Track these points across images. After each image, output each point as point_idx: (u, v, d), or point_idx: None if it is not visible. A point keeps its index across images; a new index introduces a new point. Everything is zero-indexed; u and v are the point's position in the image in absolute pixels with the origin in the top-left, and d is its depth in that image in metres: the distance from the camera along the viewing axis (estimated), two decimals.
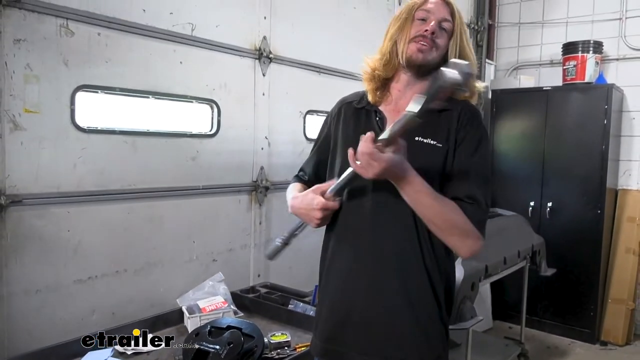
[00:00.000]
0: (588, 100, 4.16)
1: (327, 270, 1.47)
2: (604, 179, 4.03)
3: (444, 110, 1.34)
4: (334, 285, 1.44)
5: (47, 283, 1.95)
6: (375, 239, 1.34)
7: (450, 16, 1.37)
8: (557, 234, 4.12)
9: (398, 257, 1.32)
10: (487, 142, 1.38)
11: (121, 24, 2.10)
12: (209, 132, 2.55)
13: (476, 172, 1.31)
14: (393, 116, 1.38)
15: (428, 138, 1.32)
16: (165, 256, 2.36)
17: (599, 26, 4.46)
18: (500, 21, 5.02)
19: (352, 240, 1.38)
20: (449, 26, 1.36)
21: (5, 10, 1.77)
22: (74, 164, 2.00)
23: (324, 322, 1.45)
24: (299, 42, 2.97)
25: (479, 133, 1.34)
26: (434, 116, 1.33)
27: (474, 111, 1.39)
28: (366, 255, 1.35)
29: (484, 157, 1.34)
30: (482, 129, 1.37)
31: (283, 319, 2.22)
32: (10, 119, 1.81)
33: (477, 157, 1.32)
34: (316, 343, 1.46)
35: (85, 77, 2.02)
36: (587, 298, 4.14)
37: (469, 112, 1.36)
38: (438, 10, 1.36)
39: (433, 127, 1.32)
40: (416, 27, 1.36)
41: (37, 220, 1.92)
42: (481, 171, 1.32)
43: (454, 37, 1.36)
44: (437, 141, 1.32)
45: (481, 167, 1.32)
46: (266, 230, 2.87)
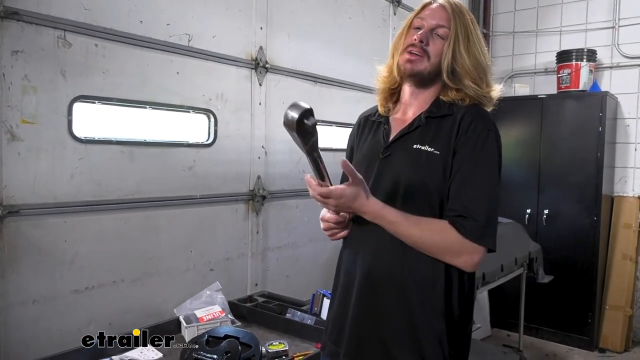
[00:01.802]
0: (583, 108, 4.20)
1: (336, 274, 1.49)
2: (600, 186, 4.06)
3: (447, 116, 1.32)
4: (338, 292, 1.45)
5: (44, 293, 1.95)
6: (376, 250, 1.33)
7: (446, 21, 1.33)
8: (553, 241, 4.14)
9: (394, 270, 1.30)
10: (491, 145, 1.28)
11: (118, 35, 2.12)
12: (206, 141, 2.56)
13: (473, 181, 1.24)
14: (399, 126, 1.39)
15: (426, 145, 1.30)
16: (163, 266, 2.36)
17: (593, 35, 4.51)
18: (494, 30, 5.07)
19: (355, 249, 1.39)
20: (444, 32, 1.32)
21: (3, 22, 1.78)
22: (71, 174, 2.01)
23: (332, 323, 1.46)
24: (295, 52, 2.99)
25: (481, 137, 1.26)
26: (435, 123, 1.33)
27: (477, 114, 1.31)
28: (364, 265, 1.35)
29: (483, 163, 1.26)
30: (486, 133, 1.28)
31: (281, 328, 2.22)
32: (8, 130, 1.82)
33: (474, 163, 1.25)
34: (326, 342, 1.47)
35: (82, 88, 2.03)
36: (585, 305, 4.14)
37: (470, 115, 1.29)
38: (433, 17, 1.34)
39: (432, 134, 1.31)
40: (410, 36, 1.35)
41: (34, 231, 1.92)
42: (479, 179, 1.25)
43: (448, 42, 1.32)
44: (435, 148, 1.28)
45: (479, 175, 1.25)
46: (263, 239, 2.88)
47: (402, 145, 1.35)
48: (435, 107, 1.35)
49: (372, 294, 1.33)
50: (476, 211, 1.22)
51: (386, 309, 1.30)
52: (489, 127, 1.29)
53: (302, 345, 2.05)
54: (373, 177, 1.36)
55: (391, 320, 1.30)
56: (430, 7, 1.37)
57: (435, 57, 1.33)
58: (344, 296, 1.41)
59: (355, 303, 1.36)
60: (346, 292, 1.40)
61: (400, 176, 1.31)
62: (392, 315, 1.30)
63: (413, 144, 1.31)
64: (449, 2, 1.37)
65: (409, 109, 1.41)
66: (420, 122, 1.34)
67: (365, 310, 1.34)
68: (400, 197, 1.30)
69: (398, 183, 1.31)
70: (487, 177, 1.26)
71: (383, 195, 1.31)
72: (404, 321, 1.28)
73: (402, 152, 1.33)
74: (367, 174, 1.34)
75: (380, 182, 1.34)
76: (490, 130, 1.29)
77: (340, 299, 1.43)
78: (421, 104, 1.39)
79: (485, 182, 1.26)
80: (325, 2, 3.21)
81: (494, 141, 1.28)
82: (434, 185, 1.27)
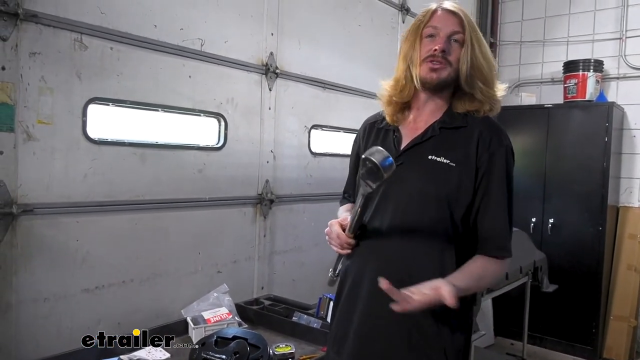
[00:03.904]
0: (589, 118, 4.21)
1: (341, 283, 1.48)
2: (606, 196, 4.06)
3: (461, 127, 1.33)
4: (342, 302, 1.46)
5: (55, 292, 1.97)
6: (386, 260, 1.33)
7: (460, 27, 1.32)
8: (558, 250, 4.14)
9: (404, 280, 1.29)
10: (509, 161, 1.33)
11: (133, 39, 2.16)
12: (216, 145, 2.59)
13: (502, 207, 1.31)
14: (410, 134, 1.38)
15: (441, 157, 1.31)
16: (171, 267, 2.39)
17: (600, 45, 4.53)
18: (502, 39, 5.10)
19: (364, 261, 1.38)
20: (460, 38, 1.31)
21: (22, 25, 1.82)
22: (85, 174, 2.04)
23: (332, 334, 1.48)
24: (304, 58, 3.02)
25: (502, 155, 1.31)
26: (449, 134, 1.33)
27: (497, 130, 1.34)
28: (365, 279, 1.36)
29: (507, 184, 1.32)
30: (504, 149, 1.32)
31: (287, 331, 2.24)
32: (24, 130, 1.85)
33: (500, 187, 1.30)
34: (329, 352, 1.49)
35: (97, 90, 2.06)
36: (589, 315, 4.13)
37: (490, 132, 1.32)
38: (446, 24, 1.32)
39: (447, 146, 1.32)
40: (426, 46, 1.33)
41: (47, 230, 1.95)
42: (504, 202, 1.31)
43: (464, 48, 1.31)
44: (451, 160, 1.30)
45: (505, 198, 1.31)
46: (270, 243, 2.90)
47: (415, 154, 1.34)
48: (449, 117, 1.36)
49: (380, 303, 1.31)
50: (506, 236, 1.32)
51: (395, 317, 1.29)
52: (506, 142, 1.34)
53: (308, 348, 2.06)
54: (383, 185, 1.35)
55: (398, 330, 1.31)
56: (439, 14, 1.35)
57: (456, 64, 1.32)
58: (347, 306, 1.41)
59: (362, 311, 1.36)
60: (350, 302, 1.40)
61: (415, 187, 1.32)
62: (399, 325, 1.30)
63: (428, 155, 1.32)
64: (455, 6, 1.36)
65: (420, 116, 1.40)
66: (435, 132, 1.35)
67: (371, 318, 1.34)
68: (412, 207, 1.31)
69: (411, 194, 1.32)
70: (510, 197, 1.34)
71: (395, 204, 1.32)
72: (410, 330, 1.30)
73: (416, 163, 1.33)
74: None
75: (392, 191, 1.33)
76: (508, 145, 1.34)
77: (345, 307, 1.43)
78: (433, 111, 1.38)
79: (509, 203, 1.33)
80: (334, 9, 3.25)
81: (511, 156, 1.34)
82: (447, 196, 1.29)
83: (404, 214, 1.31)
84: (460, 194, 1.29)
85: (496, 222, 1.31)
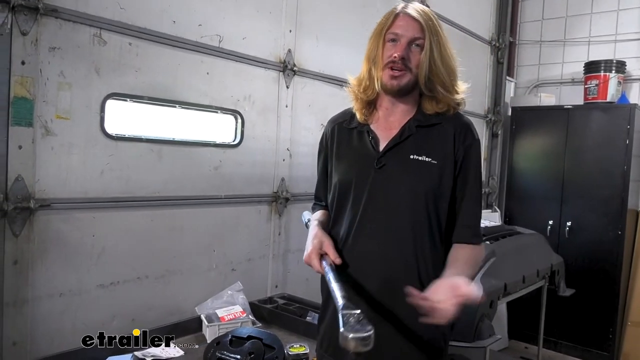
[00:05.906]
0: (610, 120, 4.13)
1: None
2: (625, 199, 3.98)
3: (435, 125, 1.37)
4: None
5: (70, 287, 1.98)
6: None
7: (421, 32, 1.33)
8: (576, 254, 4.07)
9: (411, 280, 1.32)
10: (479, 153, 1.43)
11: (152, 35, 2.15)
12: (233, 142, 2.57)
13: (476, 197, 1.41)
14: (384, 134, 1.40)
15: (423, 155, 1.34)
16: (186, 264, 2.38)
17: (622, 46, 4.44)
18: (521, 39, 5.02)
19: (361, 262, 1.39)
20: (421, 43, 1.33)
21: (42, 19, 1.81)
22: (102, 170, 2.03)
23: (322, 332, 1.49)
24: (322, 55, 3.00)
25: (475, 149, 1.40)
26: (425, 132, 1.37)
27: (469, 125, 1.42)
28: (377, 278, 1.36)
29: (479, 175, 1.42)
30: (477, 142, 1.42)
31: (300, 330, 2.22)
32: (43, 125, 1.85)
33: (475, 179, 1.40)
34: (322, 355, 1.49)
35: (115, 86, 2.06)
36: (606, 320, 4.07)
37: (464, 127, 1.39)
38: (406, 29, 1.34)
39: (428, 144, 1.36)
40: (388, 50, 1.35)
41: (64, 225, 1.95)
42: (477, 193, 1.42)
43: (423, 53, 1.33)
44: (432, 158, 1.35)
45: (477, 189, 1.42)
46: (285, 241, 2.88)
47: (396, 155, 1.37)
48: (422, 116, 1.39)
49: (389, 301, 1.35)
50: (479, 225, 1.43)
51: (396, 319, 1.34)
52: (477, 136, 1.43)
53: None
54: (368, 187, 1.36)
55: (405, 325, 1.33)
56: (401, 19, 1.36)
57: (416, 69, 1.34)
58: None
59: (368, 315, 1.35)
60: None
61: (401, 187, 1.34)
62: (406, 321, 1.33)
63: (409, 154, 1.35)
64: (418, 10, 1.36)
65: (391, 117, 1.41)
66: (411, 130, 1.37)
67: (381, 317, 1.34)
68: (400, 208, 1.34)
69: (398, 194, 1.34)
70: (481, 187, 1.47)
71: (382, 205, 1.34)
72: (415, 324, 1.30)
73: (398, 163, 1.36)
74: (359, 184, 1.37)
75: (377, 193, 1.36)
76: (478, 139, 1.44)
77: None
78: (403, 111, 1.41)
79: (480, 193, 1.47)
80: (353, 7, 3.21)
81: (480, 149, 1.44)
82: (432, 193, 1.34)
83: (395, 215, 1.34)
84: (444, 190, 1.35)
85: (472, 211, 1.40)
